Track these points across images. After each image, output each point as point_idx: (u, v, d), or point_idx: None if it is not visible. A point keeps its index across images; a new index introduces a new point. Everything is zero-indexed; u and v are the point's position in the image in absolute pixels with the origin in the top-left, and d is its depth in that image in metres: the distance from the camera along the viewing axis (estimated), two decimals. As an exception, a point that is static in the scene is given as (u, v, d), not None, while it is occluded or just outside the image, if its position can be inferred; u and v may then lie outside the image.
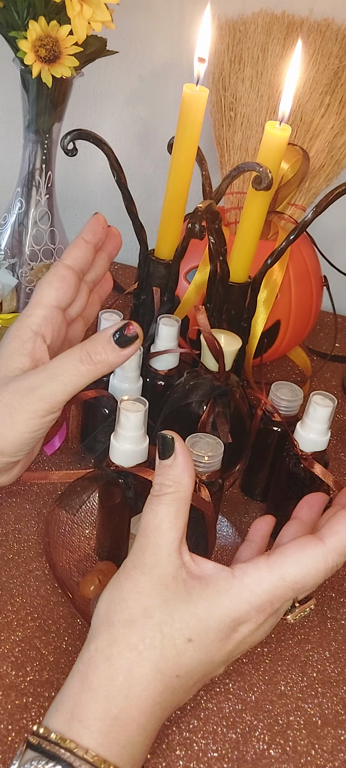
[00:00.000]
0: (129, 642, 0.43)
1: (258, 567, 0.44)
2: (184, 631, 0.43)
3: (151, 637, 0.43)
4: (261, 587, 0.44)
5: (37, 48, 0.68)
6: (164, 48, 1.01)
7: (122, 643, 0.43)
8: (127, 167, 0.72)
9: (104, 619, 0.44)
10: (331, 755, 0.51)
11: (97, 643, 0.43)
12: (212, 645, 0.44)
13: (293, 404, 0.67)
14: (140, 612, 0.43)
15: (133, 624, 0.43)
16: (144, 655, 0.42)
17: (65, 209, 1.10)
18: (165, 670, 0.43)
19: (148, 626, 0.43)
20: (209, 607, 0.43)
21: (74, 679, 0.43)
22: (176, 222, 0.71)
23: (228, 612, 0.43)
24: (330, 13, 0.86)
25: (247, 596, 0.43)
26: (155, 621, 0.43)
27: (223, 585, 0.44)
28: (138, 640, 0.43)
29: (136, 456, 0.56)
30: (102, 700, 0.42)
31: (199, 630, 0.43)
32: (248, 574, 0.44)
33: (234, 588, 0.44)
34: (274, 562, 0.44)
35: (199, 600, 0.43)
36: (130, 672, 0.42)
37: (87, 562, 0.61)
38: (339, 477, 0.76)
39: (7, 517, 0.65)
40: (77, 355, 0.52)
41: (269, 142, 0.66)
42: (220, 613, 0.43)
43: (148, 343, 0.71)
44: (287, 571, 0.44)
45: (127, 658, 0.42)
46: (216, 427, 0.62)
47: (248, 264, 0.71)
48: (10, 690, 0.52)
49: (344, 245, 1.07)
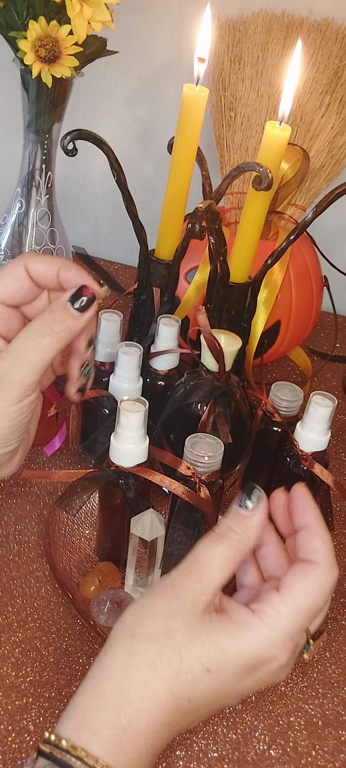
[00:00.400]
0: (147, 656, 0.43)
1: (273, 604, 0.45)
2: (203, 659, 0.43)
3: (169, 657, 0.43)
4: (280, 623, 0.44)
5: (37, 48, 0.68)
6: (164, 48, 1.01)
7: (141, 657, 0.43)
8: (127, 167, 0.72)
9: (128, 629, 0.44)
10: (332, 756, 0.51)
11: (115, 651, 0.44)
12: (229, 677, 0.44)
13: (294, 404, 0.66)
14: (164, 631, 0.43)
15: (155, 641, 0.43)
16: (160, 672, 0.43)
17: (65, 209, 1.10)
18: (178, 693, 0.43)
19: (169, 646, 0.43)
20: (230, 639, 0.44)
21: (87, 684, 0.43)
22: (176, 222, 0.71)
23: (249, 647, 0.44)
24: (330, 13, 0.86)
25: (267, 632, 0.44)
26: (177, 643, 0.43)
27: (244, 620, 0.44)
28: (156, 656, 0.43)
29: (136, 456, 0.56)
30: (112, 709, 0.42)
31: (218, 661, 0.43)
32: (266, 612, 0.44)
33: (255, 624, 0.44)
34: (286, 596, 0.45)
35: (220, 631, 0.44)
36: (144, 686, 0.42)
37: (87, 562, 0.61)
38: (339, 477, 0.76)
39: (7, 518, 0.65)
40: (36, 330, 0.50)
41: (269, 142, 0.66)
42: (240, 646, 0.44)
43: (149, 343, 0.71)
44: (300, 600, 0.45)
45: (142, 671, 0.42)
46: (216, 427, 0.62)
47: (248, 264, 0.71)
48: (10, 690, 0.52)
49: (344, 245, 1.07)
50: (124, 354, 0.64)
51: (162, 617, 0.44)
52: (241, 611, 0.45)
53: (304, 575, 0.45)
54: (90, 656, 0.55)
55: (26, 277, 0.53)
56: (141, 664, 0.42)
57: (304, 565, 0.46)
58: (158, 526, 0.55)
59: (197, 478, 0.57)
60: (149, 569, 0.56)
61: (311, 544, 0.47)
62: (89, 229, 1.15)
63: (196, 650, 0.43)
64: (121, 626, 0.45)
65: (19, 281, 0.53)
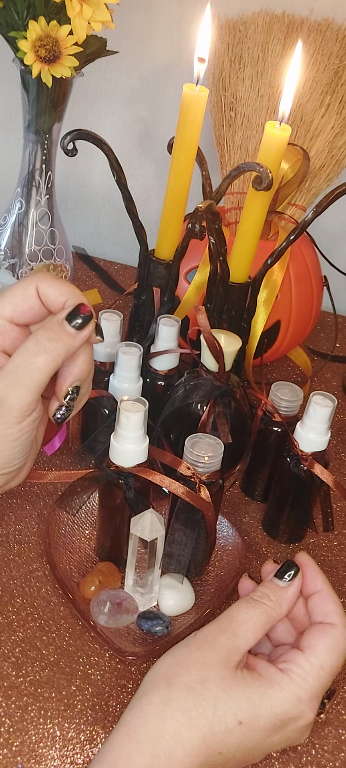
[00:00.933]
0: (183, 705, 0.44)
1: (299, 663, 0.47)
2: (236, 711, 0.45)
3: (204, 707, 0.44)
4: (307, 681, 0.46)
5: (37, 48, 0.68)
6: (164, 48, 1.01)
7: (176, 705, 0.44)
8: (127, 167, 0.72)
9: (163, 677, 0.46)
10: (332, 755, 0.51)
11: (150, 698, 0.45)
12: (260, 732, 0.45)
13: (294, 404, 0.66)
14: (199, 681, 0.45)
15: (191, 690, 0.45)
16: (194, 722, 0.44)
17: (65, 209, 1.10)
18: (211, 744, 0.44)
19: (204, 696, 0.45)
20: (262, 695, 0.46)
21: (121, 731, 0.44)
22: (176, 222, 0.71)
23: (280, 703, 0.46)
24: (330, 13, 0.86)
25: (296, 689, 0.46)
26: (212, 693, 0.45)
27: (274, 677, 0.46)
28: (192, 706, 0.44)
29: (136, 456, 0.56)
30: (146, 755, 0.43)
31: (250, 714, 0.45)
32: (293, 671, 0.47)
33: (284, 682, 0.46)
34: (310, 655, 0.47)
35: (253, 686, 0.46)
36: (178, 734, 0.43)
37: (87, 562, 0.61)
38: (339, 477, 0.76)
39: (7, 518, 0.65)
40: (30, 349, 0.48)
41: (269, 142, 0.66)
42: (272, 702, 0.46)
43: (149, 343, 0.71)
44: (323, 659, 0.47)
45: (177, 719, 0.44)
46: (216, 427, 0.62)
47: (248, 264, 0.71)
48: (10, 690, 0.52)
49: (344, 245, 1.07)
50: (124, 354, 0.64)
51: (198, 668, 0.46)
52: (271, 669, 0.47)
53: (324, 635, 0.48)
54: (90, 656, 0.55)
55: (37, 298, 0.50)
56: (177, 712, 0.44)
57: (322, 626, 0.49)
58: (158, 526, 0.55)
59: (197, 478, 0.57)
60: (149, 569, 0.56)
61: (325, 607, 0.50)
62: (89, 229, 1.15)
63: (230, 702, 0.45)
64: (157, 674, 0.46)
65: (29, 301, 0.50)
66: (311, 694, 0.46)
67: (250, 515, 0.70)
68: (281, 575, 0.51)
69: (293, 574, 0.51)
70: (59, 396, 0.50)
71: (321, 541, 0.68)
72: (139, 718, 0.44)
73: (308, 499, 0.64)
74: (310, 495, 0.64)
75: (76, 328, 0.49)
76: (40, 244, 0.83)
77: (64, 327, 0.49)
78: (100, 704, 0.52)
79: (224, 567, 0.62)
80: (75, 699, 0.52)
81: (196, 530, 0.58)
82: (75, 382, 0.50)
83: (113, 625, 0.56)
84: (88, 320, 0.49)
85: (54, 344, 0.48)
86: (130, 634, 0.56)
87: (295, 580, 0.51)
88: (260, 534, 0.68)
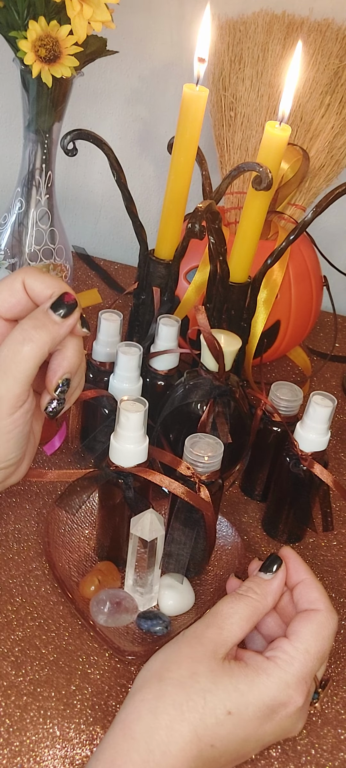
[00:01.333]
0: (175, 700, 0.45)
1: (285, 649, 0.48)
2: (225, 702, 0.45)
3: (195, 700, 0.45)
4: (293, 666, 0.47)
5: (37, 48, 0.68)
6: (164, 48, 1.01)
7: (169, 700, 0.45)
8: (127, 167, 0.72)
9: (155, 674, 0.46)
10: (331, 755, 0.51)
11: (143, 695, 0.45)
12: (250, 722, 0.46)
13: (293, 404, 0.66)
14: (189, 675, 0.46)
15: (182, 684, 0.45)
16: (186, 715, 0.44)
17: (65, 209, 1.10)
18: (202, 736, 0.44)
19: (195, 689, 0.45)
20: (250, 683, 0.46)
21: (116, 728, 0.45)
22: (176, 222, 0.71)
23: (267, 690, 0.46)
24: (330, 13, 0.86)
25: (283, 675, 0.47)
26: (201, 686, 0.45)
27: (260, 665, 0.47)
28: (183, 700, 0.45)
29: (136, 456, 0.56)
30: (142, 752, 0.43)
31: (239, 704, 0.45)
32: (279, 657, 0.48)
33: (270, 668, 0.47)
34: (295, 641, 0.48)
35: (240, 676, 0.46)
36: (171, 728, 0.44)
37: (87, 562, 0.61)
38: (339, 477, 0.76)
39: (7, 517, 0.65)
40: (16, 338, 0.48)
41: (269, 142, 0.66)
42: (260, 690, 0.46)
43: (148, 343, 0.71)
44: (308, 643, 0.48)
45: (170, 714, 0.44)
46: (216, 427, 0.62)
47: (248, 264, 0.71)
48: (9, 690, 0.52)
49: (344, 245, 1.07)
50: (124, 354, 0.64)
51: (188, 663, 0.46)
52: (257, 658, 0.48)
53: (309, 621, 0.49)
54: (90, 656, 0.55)
55: (23, 292, 0.51)
56: (169, 706, 0.45)
57: (307, 612, 0.50)
58: (158, 526, 0.55)
59: (197, 478, 0.57)
60: (149, 569, 0.56)
61: (309, 595, 0.51)
62: (89, 229, 1.15)
63: (219, 693, 0.45)
64: (149, 672, 0.47)
65: (16, 296, 0.51)
66: (298, 679, 0.47)
67: (249, 515, 0.70)
68: (265, 569, 0.52)
69: (276, 567, 0.52)
70: (50, 389, 0.50)
71: (320, 541, 0.68)
72: (134, 714, 0.45)
73: (308, 499, 0.64)
74: (309, 495, 0.64)
75: (61, 316, 0.49)
76: (40, 243, 0.83)
77: (49, 315, 0.49)
78: (99, 704, 0.52)
79: (223, 567, 0.63)
80: (75, 698, 0.52)
81: (195, 530, 0.58)
82: (65, 375, 0.50)
83: (113, 624, 0.56)
84: (73, 308, 0.49)
85: (39, 332, 0.48)
86: (129, 633, 0.56)
87: (278, 572, 0.51)
88: (259, 534, 0.68)
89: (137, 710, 0.45)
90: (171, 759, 0.44)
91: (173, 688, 0.45)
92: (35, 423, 0.56)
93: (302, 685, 0.47)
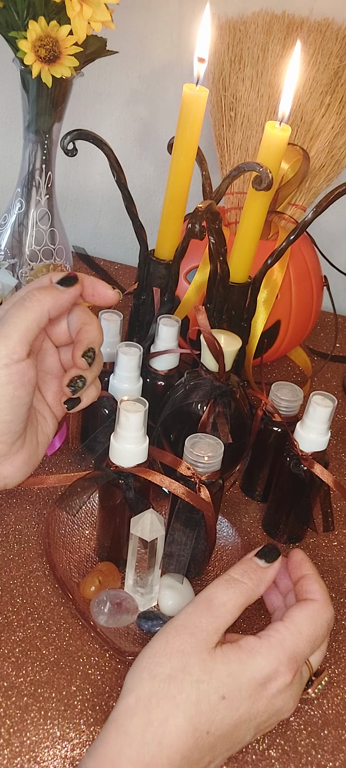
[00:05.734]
0: (168, 694, 0.45)
1: (278, 630, 0.49)
2: (219, 688, 0.46)
3: (188, 692, 0.45)
4: (284, 645, 0.48)
5: (37, 48, 0.68)
6: (164, 48, 1.01)
7: (161, 694, 0.45)
8: (127, 167, 0.72)
9: (146, 670, 0.46)
10: (331, 755, 0.51)
11: (137, 694, 0.45)
12: (243, 702, 0.46)
13: (294, 404, 0.66)
14: (181, 668, 0.46)
15: (174, 678, 0.46)
16: (180, 707, 0.45)
17: (65, 209, 1.10)
18: (197, 725, 0.45)
19: (187, 682, 0.45)
20: (242, 665, 0.47)
21: (109, 727, 0.45)
22: (176, 222, 0.71)
23: (259, 669, 0.47)
24: (330, 13, 0.86)
25: (273, 651, 0.48)
26: (194, 678, 0.46)
27: (253, 646, 0.48)
28: (176, 693, 0.45)
29: (136, 456, 0.56)
30: (137, 746, 0.43)
31: (232, 687, 0.46)
32: (272, 635, 0.48)
33: (263, 646, 0.48)
34: (289, 623, 0.49)
35: (233, 660, 0.47)
36: (166, 721, 0.44)
37: (87, 562, 0.61)
38: (339, 477, 0.76)
39: (7, 518, 0.65)
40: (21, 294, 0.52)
41: (269, 142, 0.66)
42: (252, 670, 0.47)
43: (149, 343, 0.71)
44: (301, 625, 0.49)
45: (163, 708, 0.45)
46: (216, 427, 0.62)
47: (248, 264, 0.71)
48: (10, 690, 0.52)
49: (344, 245, 1.07)
50: (124, 354, 0.64)
51: (179, 656, 0.46)
52: (249, 639, 0.48)
53: (305, 607, 0.51)
54: (90, 656, 0.55)
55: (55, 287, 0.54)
56: (162, 701, 0.45)
57: (304, 601, 0.51)
58: (158, 526, 0.55)
59: (197, 478, 0.57)
60: (149, 569, 0.56)
61: (309, 587, 0.52)
62: (89, 229, 1.15)
63: (213, 682, 0.46)
64: (138, 668, 0.47)
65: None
66: (289, 656, 0.47)
67: (250, 515, 0.70)
68: (264, 556, 0.52)
69: (275, 558, 0.52)
70: (76, 357, 0.52)
71: (321, 541, 0.68)
72: (127, 713, 0.45)
73: (308, 499, 0.64)
74: (310, 495, 0.64)
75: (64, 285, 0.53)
76: (40, 244, 0.83)
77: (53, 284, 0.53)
78: (100, 704, 0.52)
79: (223, 567, 0.62)
80: (75, 699, 0.52)
81: (196, 530, 0.58)
82: (90, 345, 0.53)
83: (113, 625, 0.56)
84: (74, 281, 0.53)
85: (43, 293, 0.52)
86: (130, 634, 0.56)
87: (275, 562, 0.52)
88: (259, 534, 0.68)
89: (130, 708, 0.45)
90: (166, 750, 0.44)
91: (165, 682, 0.45)
92: (40, 433, 0.56)
93: (292, 663, 0.48)
